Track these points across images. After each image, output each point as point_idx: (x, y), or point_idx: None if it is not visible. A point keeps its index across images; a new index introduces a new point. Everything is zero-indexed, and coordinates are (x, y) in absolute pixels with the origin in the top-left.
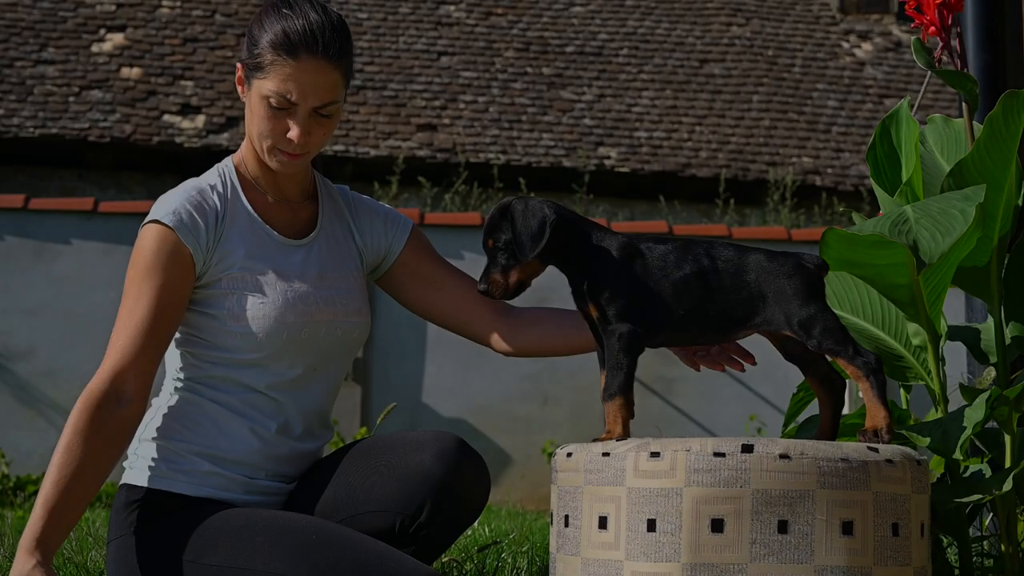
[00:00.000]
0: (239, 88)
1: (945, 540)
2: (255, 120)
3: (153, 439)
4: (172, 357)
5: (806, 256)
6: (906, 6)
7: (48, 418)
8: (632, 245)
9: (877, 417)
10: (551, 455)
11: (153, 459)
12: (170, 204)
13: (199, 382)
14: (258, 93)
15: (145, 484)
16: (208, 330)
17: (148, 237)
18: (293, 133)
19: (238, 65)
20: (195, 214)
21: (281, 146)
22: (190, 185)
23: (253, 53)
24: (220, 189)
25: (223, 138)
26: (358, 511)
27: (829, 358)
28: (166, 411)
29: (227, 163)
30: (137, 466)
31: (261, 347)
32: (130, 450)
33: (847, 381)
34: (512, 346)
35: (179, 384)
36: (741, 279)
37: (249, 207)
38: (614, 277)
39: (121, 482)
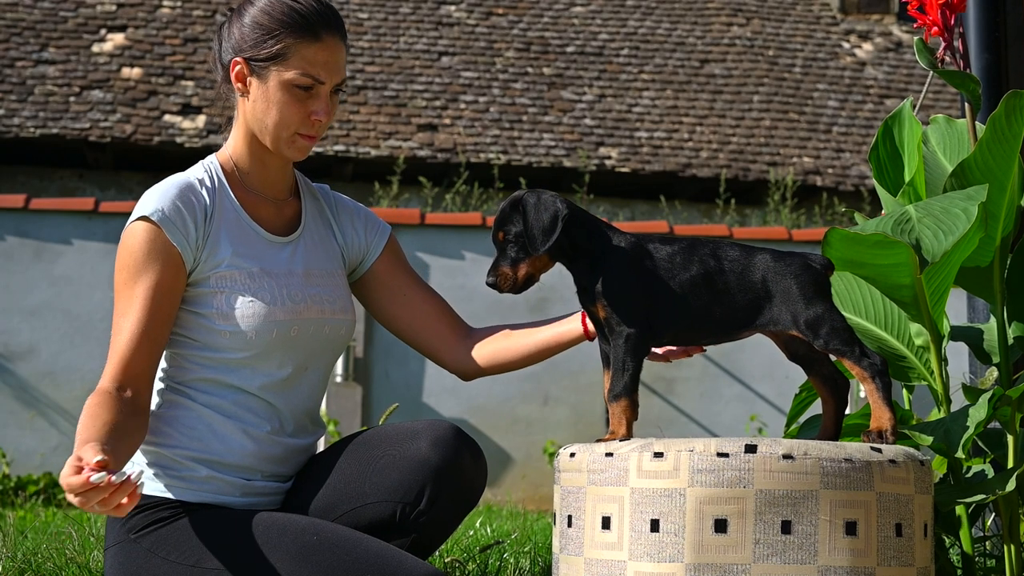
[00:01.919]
0: (238, 85)
1: (948, 540)
2: (274, 110)
3: (148, 445)
4: (162, 360)
5: (813, 256)
6: (909, 6)
7: (48, 418)
8: (640, 246)
9: (882, 418)
10: (552, 455)
11: (148, 465)
12: (158, 200)
13: (190, 386)
14: (278, 81)
15: (143, 491)
16: (197, 329)
17: (137, 236)
18: (320, 113)
19: (236, 60)
20: (184, 210)
21: (303, 130)
22: (178, 180)
23: (267, 42)
24: (208, 184)
25: (223, 138)
26: (358, 504)
27: (834, 358)
28: (159, 416)
29: (212, 160)
30: None
31: (250, 345)
32: None
33: (850, 381)
34: (465, 368)
35: (171, 389)
36: (747, 279)
37: (236, 203)
38: (622, 278)
39: None
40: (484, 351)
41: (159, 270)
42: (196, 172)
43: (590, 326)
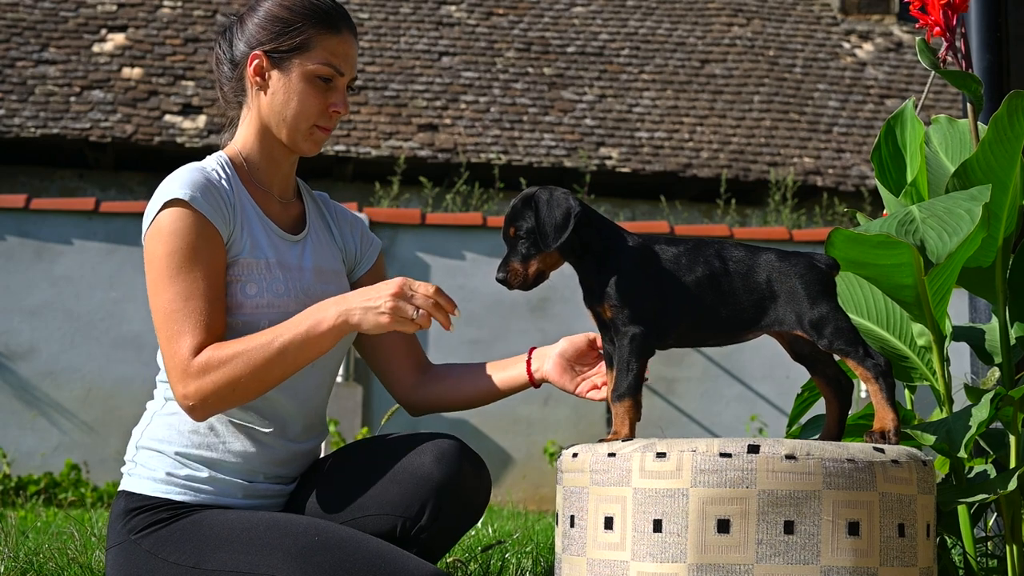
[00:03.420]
0: (256, 79)
1: (950, 541)
2: (295, 101)
3: (150, 447)
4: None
5: (818, 256)
6: (911, 7)
7: (49, 418)
8: (647, 246)
9: (885, 419)
10: (552, 455)
11: (151, 467)
12: (188, 185)
13: None
14: (301, 72)
15: (143, 491)
16: None
17: (183, 219)
18: (339, 105)
19: (256, 54)
20: (214, 195)
21: (321, 123)
22: (198, 167)
23: (288, 33)
24: (223, 173)
25: (225, 138)
26: (358, 514)
27: (838, 358)
28: (162, 418)
29: (221, 155)
30: (135, 473)
31: None
32: (127, 457)
33: (854, 382)
34: (412, 403)
35: (172, 391)
36: (753, 280)
37: (249, 197)
38: (630, 278)
39: (119, 489)
40: (432, 391)
41: (212, 250)
42: (209, 164)
43: (536, 375)
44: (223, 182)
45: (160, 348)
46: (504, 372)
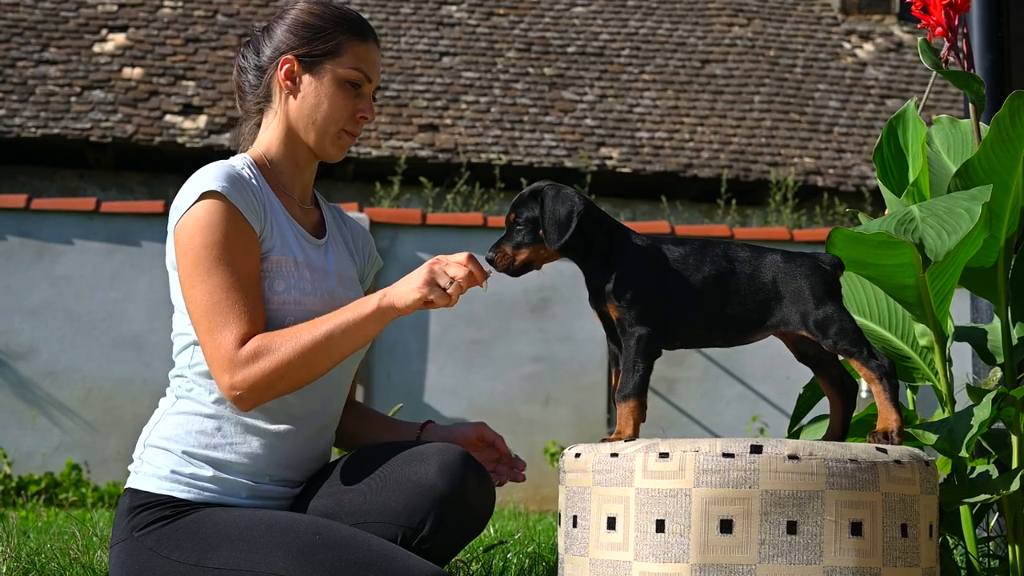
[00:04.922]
0: (287, 83)
1: (952, 541)
2: (326, 104)
3: (158, 445)
4: (182, 358)
5: (822, 256)
6: (912, 7)
7: (50, 418)
8: (654, 247)
9: (888, 420)
10: (553, 455)
11: (157, 464)
12: (220, 179)
13: (206, 381)
14: (332, 76)
15: (147, 488)
16: None
17: (219, 212)
18: (366, 111)
19: (287, 58)
20: (246, 190)
21: (349, 127)
22: (227, 164)
23: (320, 38)
24: (251, 172)
25: (225, 138)
26: (360, 520)
27: (842, 359)
28: (171, 416)
29: (245, 156)
30: (141, 471)
31: None
32: (135, 455)
33: (858, 382)
34: None
35: (185, 389)
36: (758, 280)
37: (276, 198)
38: (636, 278)
39: (126, 486)
40: (341, 429)
41: (248, 242)
42: (237, 163)
43: None
44: (252, 180)
45: (200, 340)
46: (402, 435)
